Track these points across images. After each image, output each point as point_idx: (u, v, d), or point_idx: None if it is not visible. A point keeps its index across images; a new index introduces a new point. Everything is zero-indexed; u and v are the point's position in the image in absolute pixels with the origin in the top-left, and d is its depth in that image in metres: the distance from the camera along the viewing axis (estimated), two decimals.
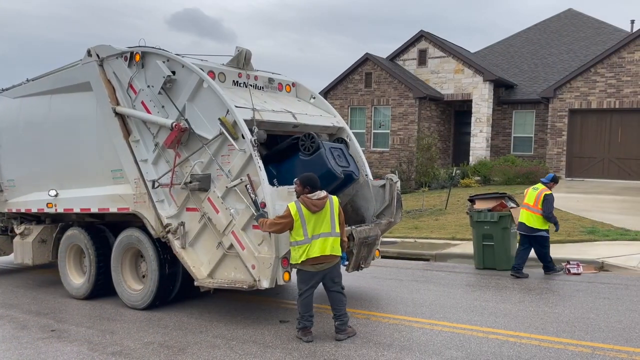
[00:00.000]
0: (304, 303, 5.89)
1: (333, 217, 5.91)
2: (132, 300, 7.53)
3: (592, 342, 5.64)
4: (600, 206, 14.65)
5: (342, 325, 5.91)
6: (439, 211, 15.70)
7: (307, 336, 5.88)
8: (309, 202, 5.76)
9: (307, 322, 5.91)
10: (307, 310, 5.89)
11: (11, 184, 9.54)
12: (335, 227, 5.91)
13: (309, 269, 5.83)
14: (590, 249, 10.29)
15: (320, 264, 5.83)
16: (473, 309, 7.03)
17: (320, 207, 5.81)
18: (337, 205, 6.00)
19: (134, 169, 7.31)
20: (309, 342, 5.82)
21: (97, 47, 7.67)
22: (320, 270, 5.85)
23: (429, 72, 24.25)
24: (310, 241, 5.76)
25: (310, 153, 6.89)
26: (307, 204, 5.75)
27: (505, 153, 23.38)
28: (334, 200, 5.98)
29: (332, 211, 5.91)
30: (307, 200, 5.76)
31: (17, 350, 5.97)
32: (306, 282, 5.88)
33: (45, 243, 9.22)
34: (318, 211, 5.78)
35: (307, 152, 6.92)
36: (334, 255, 5.89)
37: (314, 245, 5.76)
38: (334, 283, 5.97)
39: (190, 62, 6.90)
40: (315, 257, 5.77)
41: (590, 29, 27.05)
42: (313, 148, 6.89)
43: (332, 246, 5.87)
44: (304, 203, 5.76)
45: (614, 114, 20.45)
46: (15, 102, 9.29)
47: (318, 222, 5.79)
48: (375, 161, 23.57)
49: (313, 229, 5.77)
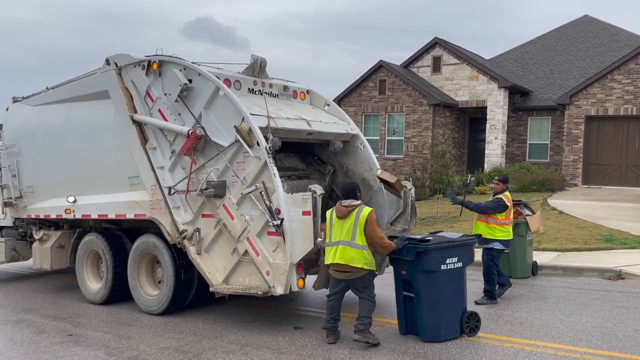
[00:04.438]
0: (328, 305, 6.11)
1: (355, 228, 5.80)
2: (148, 305, 7.60)
3: (609, 352, 5.58)
4: (618, 214, 14.47)
5: (360, 325, 5.91)
6: (454, 218, 15.62)
7: (329, 337, 6.06)
8: (337, 208, 6.01)
9: (327, 324, 6.09)
10: (330, 312, 6.07)
11: (30, 190, 9.70)
12: (356, 238, 5.80)
13: (333, 274, 6.04)
14: (607, 257, 10.17)
15: (342, 272, 5.92)
16: (488, 316, 6.98)
17: (344, 214, 5.89)
18: (365, 217, 5.80)
19: (150, 176, 7.40)
20: (331, 343, 5.99)
21: (116, 56, 7.80)
22: (344, 279, 5.96)
23: (443, 78, 24.20)
24: (332, 245, 5.95)
25: None
26: (337, 209, 6.00)
27: (521, 160, 23.21)
28: (362, 212, 5.83)
29: (356, 222, 5.81)
30: (337, 206, 6.03)
31: (35, 354, 6.06)
32: (332, 286, 6.11)
33: (63, 248, 9.34)
34: (342, 218, 5.91)
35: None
36: (352, 266, 5.80)
37: (334, 251, 5.92)
38: (360, 292, 6.01)
39: (206, 70, 6.98)
40: (335, 264, 5.92)
41: (607, 35, 26.83)
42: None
43: (351, 257, 5.79)
44: (335, 208, 6.03)
45: (631, 121, 20.22)
46: (35, 110, 9.46)
47: (342, 229, 5.90)
48: (389, 168, 23.53)
49: (335, 234, 5.94)
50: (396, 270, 6.25)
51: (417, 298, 5.98)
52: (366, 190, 8.02)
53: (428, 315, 5.95)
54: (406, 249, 5.94)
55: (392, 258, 6.19)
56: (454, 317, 6.07)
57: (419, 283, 5.96)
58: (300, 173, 8.01)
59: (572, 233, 12.00)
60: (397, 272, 6.24)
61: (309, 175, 8.17)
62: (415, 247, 5.88)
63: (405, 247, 5.96)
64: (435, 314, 5.96)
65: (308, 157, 8.35)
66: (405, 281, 6.12)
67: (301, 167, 8.17)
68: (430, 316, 5.95)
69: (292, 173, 7.81)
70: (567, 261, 9.89)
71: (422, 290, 5.95)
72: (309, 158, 8.35)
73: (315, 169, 8.28)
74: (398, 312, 6.30)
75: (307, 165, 8.28)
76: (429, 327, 5.96)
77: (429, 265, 5.89)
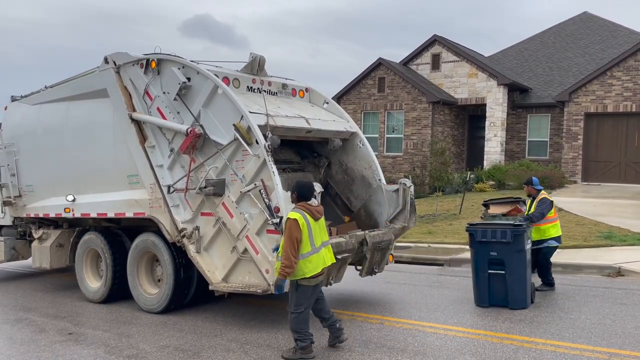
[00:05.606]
0: (304, 319, 5.43)
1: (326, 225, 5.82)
2: (148, 304, 7.61)
3: (608, 348, 5.58)
4: (617, 211, 14.47)
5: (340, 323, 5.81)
6: (453, 216, 15.63)
7: (311, 353, 5.47)
8: (313, 209, 5.47)
9: (309, 339, 5.48)
10: (307, 327, 5.48)
11: (30, 189, 9.69)
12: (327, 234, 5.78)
13: (314, 282, 5.43)
14: (606, 254, 10.18)
15: (322, 274, 5.54)
16: (488, 314, 6.99)
17: (322, 214, 5.59)
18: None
19: (149, 174, 7.40)
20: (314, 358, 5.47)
21: (114, 54, 7.79)
22: (319, 283, 5.55)
23: (442, 76, 24.19)
24: (319, 250, 5.46)
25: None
26: (312, 211, 5.45)
27: (520, 157, 23.22)
28: None
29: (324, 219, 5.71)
30: (311, 208, 5.47)
31: (35, 352, 6.06)
32: (309, 297, 5.45)
33: (62, 247, 9.35)
34: (320, 218, 5.55)
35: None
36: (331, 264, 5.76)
37: (323, 255, 5.52)
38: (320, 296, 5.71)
39: (205, 68, 6.98)
40: (325, 268, 5.54)
41: (606, 32, 26.80)
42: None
43: (331, 255, 5.77)
44: (308, 211, 5.42)
45: (630, 118, 20.21)
46: (34, 108, 9.45)
47: (321, 230, 5.55)
48: (389, 166, 23.54)
49: (317, 238, 5.46)
50: (482, 253, 7.27)
51: (510, 274, 7.08)
52: (365, 187, 8.03)
53: (519, 288, 7.12)
54: (502, 232, 7.09)
55: (480, 242, 7.24)
56: (532, 289, 7.37)
57: (512, 261, 7.08)
58: (295, 166, 8.03)
59: (571, 230, 12.00)
60: (482, 254, 7.27)
61: (304, 167, 8.19)
62: (515, 230, 7.05)
63: (501, 231, 7.09)
64: (524, 286, 7.15)
65: (303, 150, 8.35)
66: (493, 261, 7.17)
67: (296, 159, 8.19)
68: (521, 288, 7.12)
69: (286, 166, 7.83)
70: (567, 258, 9.89)
71: (514, 267, 7.07)
72: (304, 151, 8.36)
73: (310, 161, 8.29)
74: (479, 288, 7.34)
75: (302, 158, 8.30)
76: (520, 298, 7.13)
77: (521, 245, 7.08)
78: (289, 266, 5.22)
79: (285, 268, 5.23)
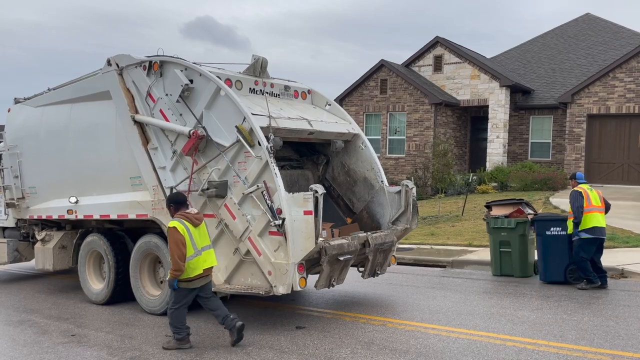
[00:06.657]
0: (181, 315, 6.03)
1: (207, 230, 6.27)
2: (151, 305, 7.61)
3: (611, 350, 5.57)
4: (620, 212, 14.43)
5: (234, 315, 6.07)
6: (456, 217, 15.61)
7: (188, 343, 6.04)
8: (191, 216, 6.01)
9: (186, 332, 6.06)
10: (183, 321, 6.06)
11: (33, 191, 9.72)
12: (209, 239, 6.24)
13: (194, 284, 5.98)
14: (609, 255, 10.14)
15: (207, 276, 6.08)
16: (490, 316, 6.98)
17: (201, 220, 6.13)
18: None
19: (152, 176, 7.41)
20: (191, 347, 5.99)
21: (117, 56, 7.81)
22: (199, 286, 6.03)
23: (444, 78, 24.19)
24: (201, 253, 5.97)
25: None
26: (190, 218, 5.99)
27: (523, 159, 23.19)
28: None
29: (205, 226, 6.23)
30: (189, 215, 6.01)
31: (38, 354, 6.07)
32: (185, 296, 6.01)
33: (65, 249, 9.37)
34: (199, 224, 6.06)
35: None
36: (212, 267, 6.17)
37: (203, 258, 5.99)
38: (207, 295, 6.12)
39: (207, 70, 6.99)
40: (208, 268, 6.04)
41: (609, 33, 26.78)
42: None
43: (213, 258, 6.18)
44: (186, 218, 5.97)
45: (633, 119, 20.18)
46: (37, 110, 9.48)
47: (200, 235, 6.04)
48: (391, 167, 23.54)
49: (198, 242, 5.98)
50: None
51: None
52: (367, 189, 8.03)
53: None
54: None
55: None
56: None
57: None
58: (293, 163, 8.04)
59: None
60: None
61: (302, 165, 8.19)
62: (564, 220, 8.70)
63: (557, 219, 8.82)
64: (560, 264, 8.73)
65: (301, 148, 8.36)
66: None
67: (295, 157, 8.20)
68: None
69: (285, 163, 7.84)
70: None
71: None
72: (302, 148, 8.37)
73: (308, 159, 8.30)
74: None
75: (301, 156, 8.31)
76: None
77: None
78: (178, 269, 5.79)
79: (174, 271, 5.81)
